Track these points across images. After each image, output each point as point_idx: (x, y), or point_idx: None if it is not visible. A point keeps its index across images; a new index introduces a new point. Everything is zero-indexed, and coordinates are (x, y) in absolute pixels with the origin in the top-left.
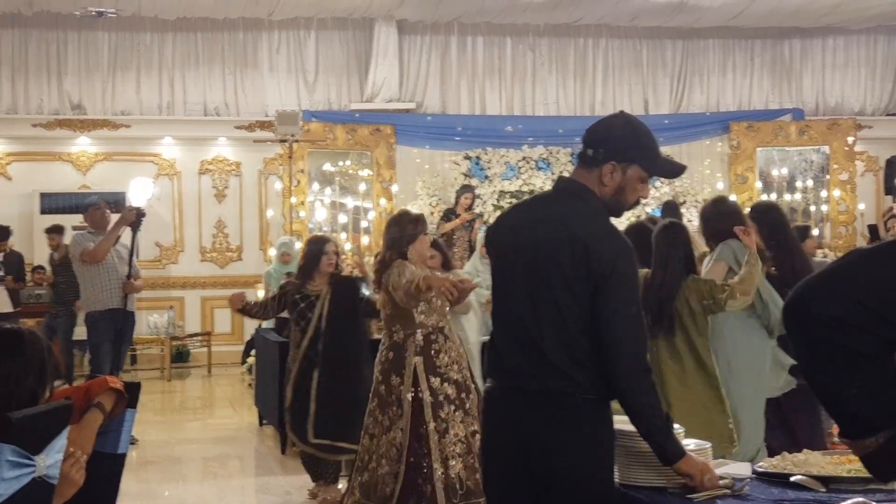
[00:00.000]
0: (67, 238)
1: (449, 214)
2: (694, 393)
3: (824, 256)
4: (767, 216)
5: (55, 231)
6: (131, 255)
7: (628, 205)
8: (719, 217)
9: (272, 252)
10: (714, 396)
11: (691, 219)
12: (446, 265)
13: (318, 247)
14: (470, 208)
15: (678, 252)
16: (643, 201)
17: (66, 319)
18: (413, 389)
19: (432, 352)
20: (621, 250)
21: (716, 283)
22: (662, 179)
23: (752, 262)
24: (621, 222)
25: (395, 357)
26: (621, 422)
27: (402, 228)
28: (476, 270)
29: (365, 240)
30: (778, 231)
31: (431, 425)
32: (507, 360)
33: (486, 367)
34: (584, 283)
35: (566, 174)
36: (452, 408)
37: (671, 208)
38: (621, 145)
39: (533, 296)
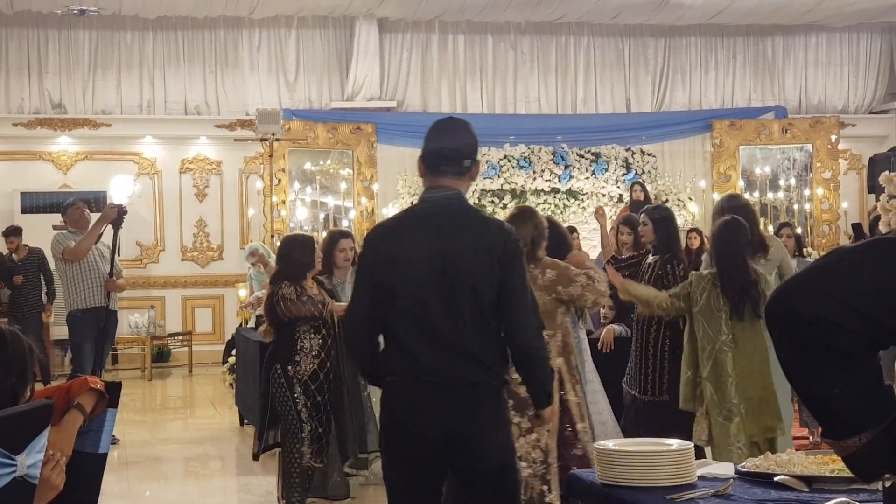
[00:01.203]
0: (30, 238)
1: None
2: (765, 375)
3: (807, 255)
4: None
5: (14, 233)
6: (113, 253)
7: None
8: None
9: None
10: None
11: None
12: None
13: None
14: None
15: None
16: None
17: (31, 321)
18: (561, 391)
19: (570, 354)
20: (513, 233)
21: None
22: (645, 178)
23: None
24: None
25: None
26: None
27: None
28: None
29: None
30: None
31: (579, 425)
32: (418, 357)
33: (384, 364)
34: (496, 271)
35: (547, 172)
36: None
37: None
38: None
39: (447, 295)
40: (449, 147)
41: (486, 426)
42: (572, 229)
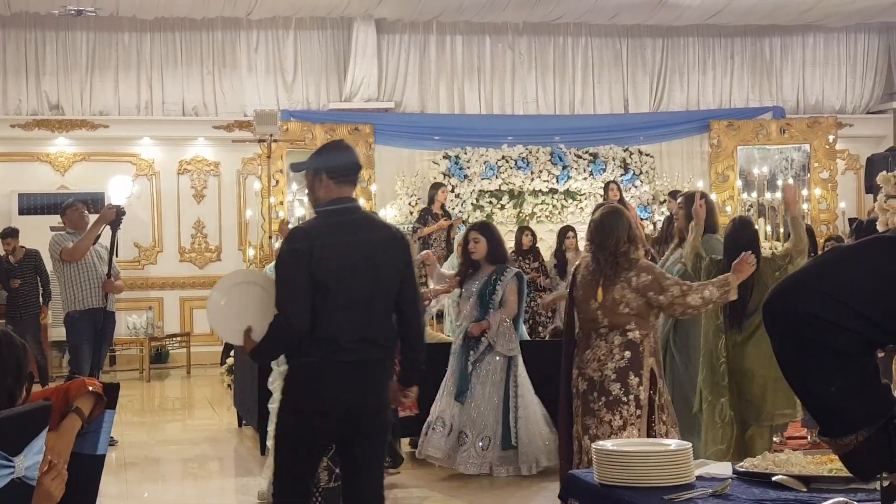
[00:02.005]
0: (27, 239)
1: (425, 214)
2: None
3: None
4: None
5: (11, 235)
6: (111, 255)
7: None
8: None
9: (251, 253)
10: None
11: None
12: None
13: None
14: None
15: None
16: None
17: (28, 323)
18: (651, 390)
19: (658, 354)
20: (405, 233)
21: (775, 256)
22: (643, 178)
23: (796, 224)
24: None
25: (632, 356)
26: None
27: None
28: (454, 268)
29: None
30: None
31: (663, 428)
32: (340, 340)
33: (305, 346)
34: (401, 266)
35: (545, 173)
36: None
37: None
38: None
39: (368, 288)
40: (353, 162)
41: (385, 394)
42: (569, 228)
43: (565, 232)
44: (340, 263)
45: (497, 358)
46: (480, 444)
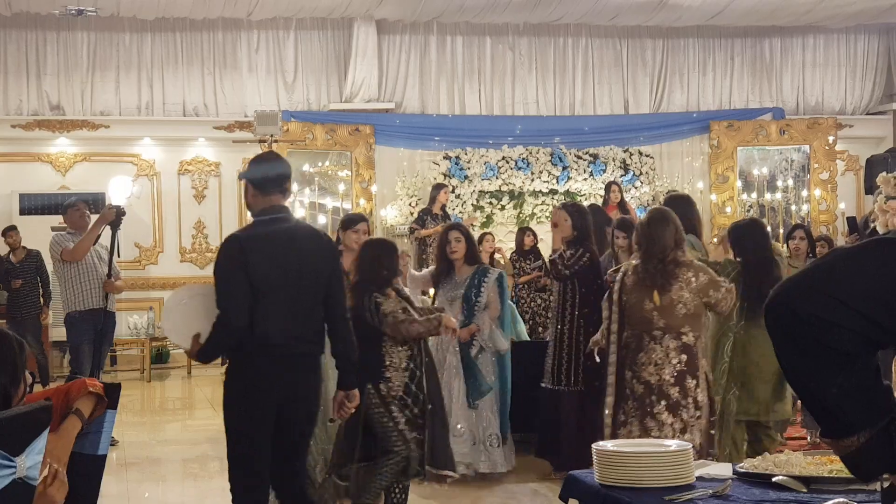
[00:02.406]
0: (28, 240)
1: (424, 215)
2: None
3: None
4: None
5: (12, 228)
6: (111, 255)
7: None
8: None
9: None
10: None
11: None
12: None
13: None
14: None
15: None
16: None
17: (30, 323)
18: (706, 391)
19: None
20: (332, 239)
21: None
22: (643, 179)
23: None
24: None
25: (688, 360)
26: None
27: None
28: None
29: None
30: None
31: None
32: (277, 336)
33: (243, 345)
34: (329, 270)
35: (546, 173)
36: None
37: (600, 211)
38: None
39: (301, 290)
40: (278, 174)
41: (317, 383)
42: None
43: None
44: (272, 268)
45: (491, 357)
46: (490, 442)
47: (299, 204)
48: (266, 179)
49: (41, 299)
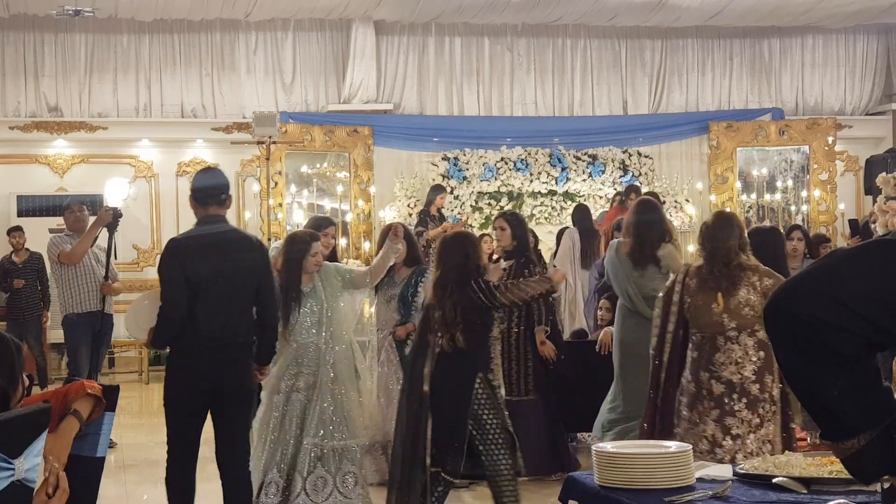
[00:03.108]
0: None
1: (423, 216)
2: None
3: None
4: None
5: (16, 229)
6: (108, 256)
7: None
8: None
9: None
10: None
11: (671, 219)
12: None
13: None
14: (441, 209)
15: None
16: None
17: (31, 325)
18: (781, 385)
19: None
20: (263, 244)
21: None
22: (642, 180)
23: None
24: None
25: (766, 356)
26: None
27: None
28: None
29: (343, 242)
30: None
31: (797, 419)
32: (211, 329)
33: (181, 334)
34: (259, 271)
35: (544, 174)
36: None
37: (583, 210)
38: None
39: (233, 290)
40: (213, 185)
41: (247, 370)
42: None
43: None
44: (206, 269)
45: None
46: None
47: (297, 205)
48: (204, 191)
49: (41, 302)
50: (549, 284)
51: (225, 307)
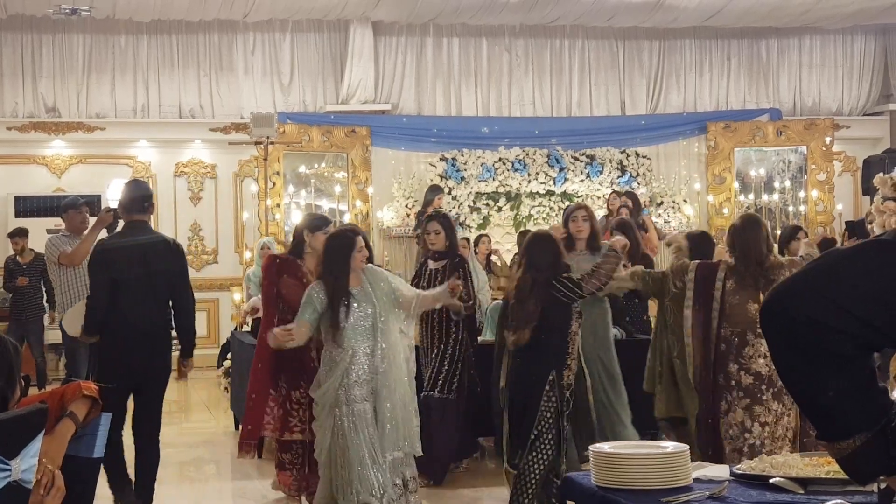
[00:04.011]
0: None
1: (421, 218)
2: None
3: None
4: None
5: (20, 234)
6: None
7: None
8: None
9: (248, 255)
10: None
11: (668, 220)
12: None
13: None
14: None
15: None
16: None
17: (33, 325)
18: None
19: None
20: (180, 245)
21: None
22: (640, 180)
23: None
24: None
25: None
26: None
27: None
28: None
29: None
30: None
31: None
32: (135, 318)
33: (108, 325)
34: (179, 272)
35: (542, 175)
36: None
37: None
38: None
39: (153, 286)
40: (138, 195)
41: (165, 356)
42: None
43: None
44: (129, 268)
45: None
46: None
47: (295, 206)
48: (129, 201)
49: (45, 303)
50: (618, 256)
51: (145, 302)
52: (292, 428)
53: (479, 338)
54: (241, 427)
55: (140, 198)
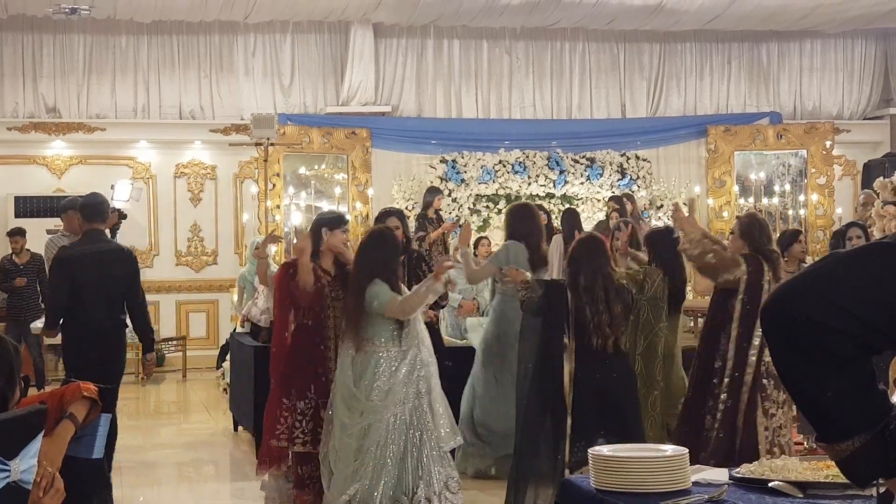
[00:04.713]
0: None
1: (421, 220)
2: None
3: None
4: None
5: (18, 233)
6: None
7: None
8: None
9: (247, 254)
10: None
11: (668, 222)
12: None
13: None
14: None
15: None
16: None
17: (30, 324)
18: None
19: None
20: (132, 252)
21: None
22: (640, 183)
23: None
24: None
25: None
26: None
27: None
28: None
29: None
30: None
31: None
32: (95, 317)
33: (71, 321)
34: (131, 276)
35: (542, 177)
36: None
37: (571, 214)
38: None
39: (109, 289)
40: (96, 206)
41: (122, 347)
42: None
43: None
44: (87, 271)
45: None
46: None
47: (295, 207)
48: (89, 211)
49: (41, 303)
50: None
51: (102, 301)
52: (294, 439)
53: (478, 338)
54: (262, 441)
55: (98, 208)
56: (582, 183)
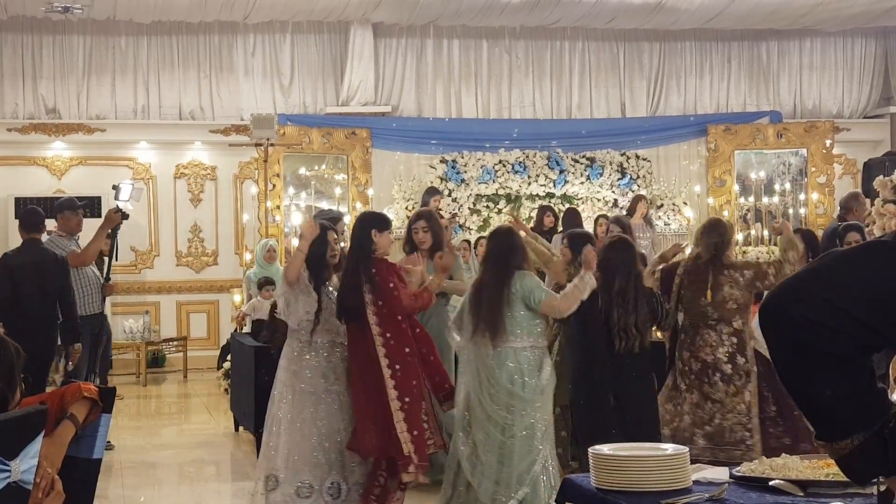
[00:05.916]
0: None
1: None
2: None
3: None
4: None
5: None
6: (110, 259)
7: None
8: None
9: (248, 257)
10: None
11: (668, 222)
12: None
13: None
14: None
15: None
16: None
17: None
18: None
19: None
20: (66, 259)
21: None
22: (640, 182)
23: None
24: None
25: (738, 342)
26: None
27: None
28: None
29: (342, 244)
30: None
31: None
32: (28, 313)
33: (12, 320)
34: (63, 280)
35: (542, 177)
36: None
37: (572, 214)
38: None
39: (45, 293)
40: (32, 218)
41: (54, 338)
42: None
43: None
44: (25, 275)
45: None
46: None
47: (295, 207)
48: (27, 223)
49: None
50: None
51: (38, 302)
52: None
53: None
54: (415, 444)
55: (35, 219)
56: (582, 182)
